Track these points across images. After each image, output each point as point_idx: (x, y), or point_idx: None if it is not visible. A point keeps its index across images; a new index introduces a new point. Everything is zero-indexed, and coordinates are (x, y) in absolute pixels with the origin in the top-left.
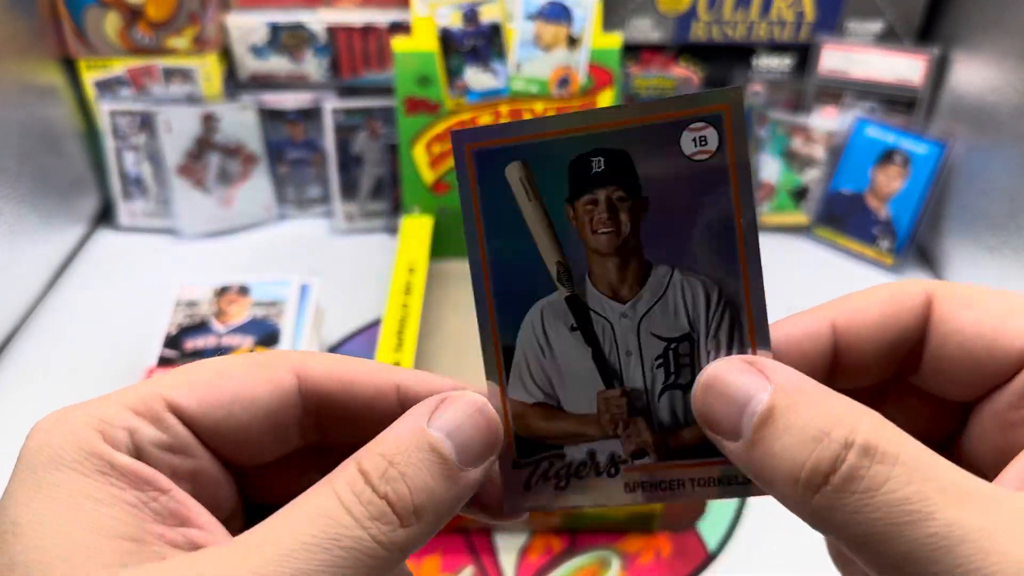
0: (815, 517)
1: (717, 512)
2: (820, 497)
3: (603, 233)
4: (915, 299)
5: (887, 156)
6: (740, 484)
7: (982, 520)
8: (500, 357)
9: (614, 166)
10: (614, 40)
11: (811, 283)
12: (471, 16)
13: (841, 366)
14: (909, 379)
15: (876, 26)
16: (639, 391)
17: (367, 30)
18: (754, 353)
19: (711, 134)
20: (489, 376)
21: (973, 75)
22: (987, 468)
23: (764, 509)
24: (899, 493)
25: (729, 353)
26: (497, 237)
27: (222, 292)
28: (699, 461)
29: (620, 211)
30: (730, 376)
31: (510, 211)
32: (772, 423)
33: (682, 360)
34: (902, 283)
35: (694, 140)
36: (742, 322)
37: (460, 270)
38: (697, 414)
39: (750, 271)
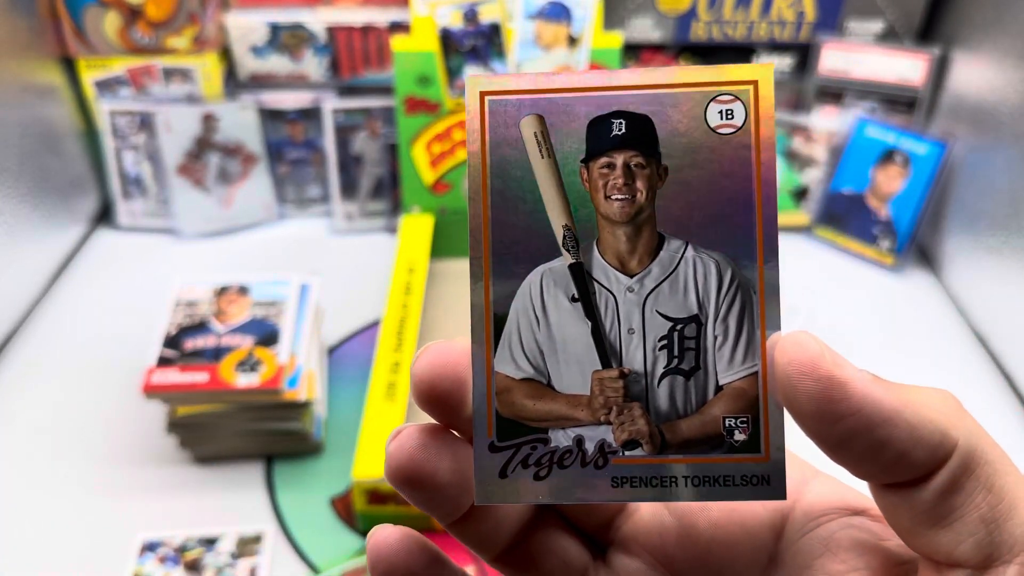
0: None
1: None
2: None
3: (617, 199)
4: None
5: (887, 156)
6: (749, 484)
7: None
8: (490, 325)
9: (635, 130)
10: (614, 40)
11: (811, 283)
12: (471, 16)
13: None
14: None
15: (877, 26)
16: (638, 374)
17: (367, 30)
18: (763, 339)
19: (738, 108)
20: (475, 344)
21: (973, 75)
22: None
23: None
24: None
25: (737, 339)
26: (502, 194)
27: (222, 292)
28: (697, 457)
29: (637, 178)
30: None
31: (520, 167)
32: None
33: (687, 344)
34: None
35: (720, 112)
36: (754, 307)
37: (460, 269)
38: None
39: (766, 253)
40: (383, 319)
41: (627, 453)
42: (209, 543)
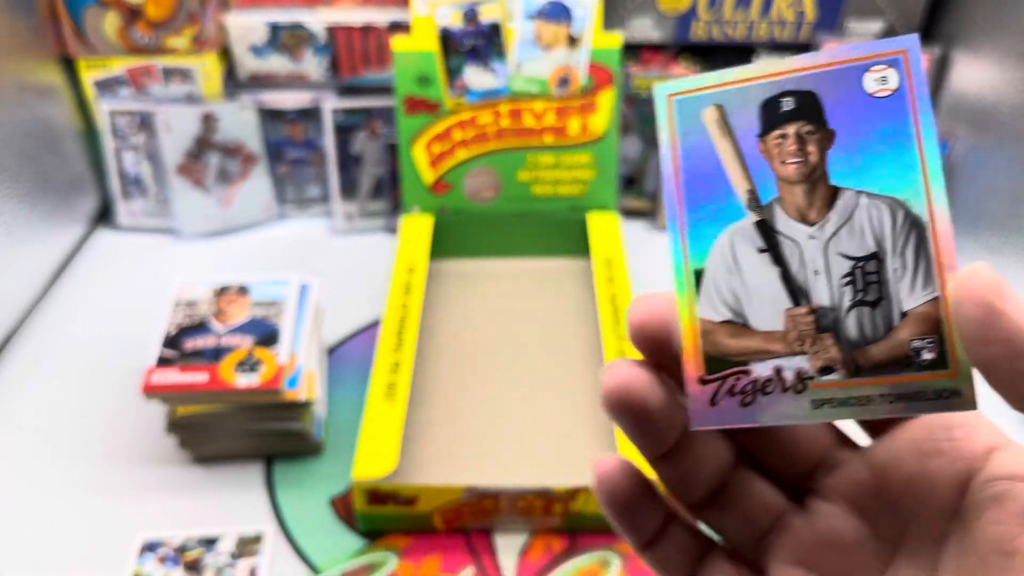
0: None
1: None
2: None
3: (792, 163)
4: None
5: None
6: (941, 397)
7: None
8: (690, 279)
9: (802, 104)
10: (614, 40)
11: None
12: (471, 16)
13: None
14: None
15: (876, 25)
16: (826, 308)
17: (367, 29)
18: (940, 269)
19: (891, 74)
20: (680, 296)
21: (974, 74)
22: None
23: None
24: None
25: (916, 269)
26: (692, 173)
27: (221, 292)
28: (889, 377)
29: (808, 143)
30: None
31: (705, 150)
32: None
33: (869, 278)
34: None
35: (876, 80)
36: (927, 239)
37: (460, 269)
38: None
39: (932, 190)
40: (383, 319)
41: (824, 378)
42: (209, 543)
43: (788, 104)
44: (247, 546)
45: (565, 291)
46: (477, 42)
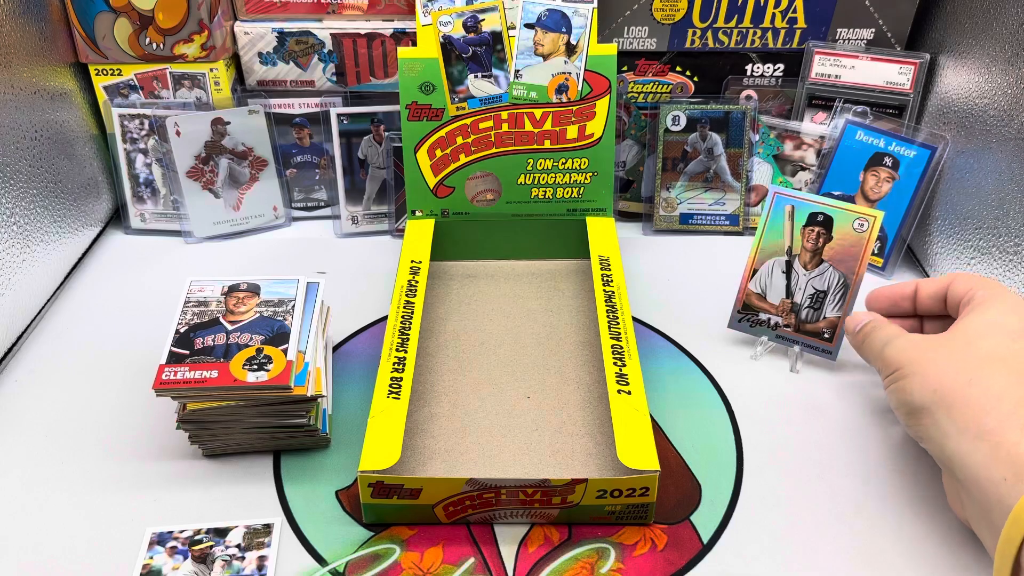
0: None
1: (711, 506)
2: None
3: (810, 243)
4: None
5: (876, 160)
6: (822, 351)
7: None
8: (751, 271)
9: (826, 221)
10: (610, 48)
11: None
12: (472, 25)
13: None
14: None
15: (867, 32)
16: (797, 304)
17: (372, 37)
18: (845, 307)
19: (867, 223)
20: (744, 277)
21: (961, 79)
22: None
23: (756, 504)
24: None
25: (836, 303)
26: (770, 233)
27: (231, 291)
28: (808, 337)
29: (820, 238)
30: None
31: (779, 225)
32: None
33: (818, 299)
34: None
35: (860, 224)
36: (847, 294)
37: (461, 270)
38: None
39: (859, 281)
40: (388, 319)
41: (785, 327)
42: (218, 536)
43: (820, 219)
44: (256, 538)
45: (563, 291)
46: (478, 50)
